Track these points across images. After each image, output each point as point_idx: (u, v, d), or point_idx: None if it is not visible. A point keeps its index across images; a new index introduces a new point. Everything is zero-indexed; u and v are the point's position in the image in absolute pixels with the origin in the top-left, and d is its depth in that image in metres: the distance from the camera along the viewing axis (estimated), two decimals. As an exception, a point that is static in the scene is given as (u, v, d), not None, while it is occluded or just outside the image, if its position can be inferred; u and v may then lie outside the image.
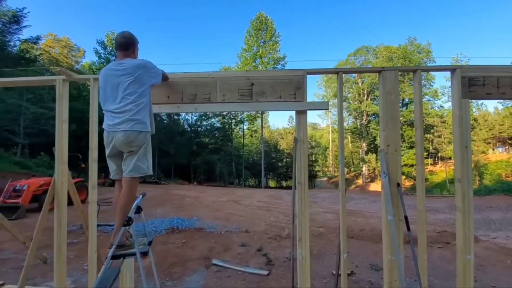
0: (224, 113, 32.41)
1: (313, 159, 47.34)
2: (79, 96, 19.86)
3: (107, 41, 25.14)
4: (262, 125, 33.76)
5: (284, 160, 45.53)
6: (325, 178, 50.92)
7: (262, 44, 32.91)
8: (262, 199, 12.11)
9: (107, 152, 2.12)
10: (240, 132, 36.65)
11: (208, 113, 32.70)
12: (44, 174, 13.49)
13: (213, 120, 32.30)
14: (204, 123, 32.76)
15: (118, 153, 2.11)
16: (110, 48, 24.30)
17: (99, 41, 24.60)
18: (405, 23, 63.96)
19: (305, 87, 2.65)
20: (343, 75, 2.66)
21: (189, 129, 32.66)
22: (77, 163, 12.35)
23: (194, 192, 14.59)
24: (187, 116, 31.72)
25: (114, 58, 23.07)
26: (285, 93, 2.64)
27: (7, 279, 3.21)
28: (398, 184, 2.48)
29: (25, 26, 12.87)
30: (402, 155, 25.16)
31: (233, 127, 34.59)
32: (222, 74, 2.72)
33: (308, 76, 2.64)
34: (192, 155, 28.80)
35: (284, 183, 48.39)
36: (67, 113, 2.80)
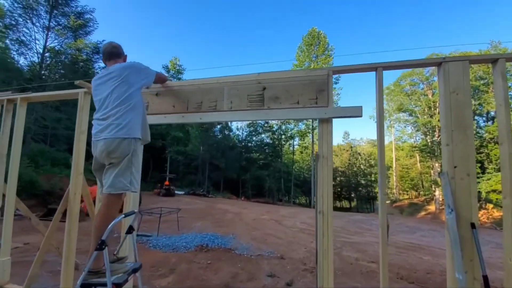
0: (274, 129, 32.41)
1: (372, 179, 42.86)
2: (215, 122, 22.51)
3: (171, 65, 28.30)
4: (312, 140, 32.36)
5: (338, 179, 42.48)
6: (388, 201, 45.31)
7: (314, 59, 32.30)
8: (307, 221, 11.10)
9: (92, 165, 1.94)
10: (290, 148, 35.90)
11: (257, 128, 33.26)
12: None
13: (263, 135, 32.53)
14: (254, 138, 33.23)
15: (102, 166, 1.89)
16: (173, 72, 27.22)
17: (164, 66, 27.93)
18: (483, 23, 54.58)
19: (330, 89, 2.09)
20: (383, 71, 2.02)
21: (240, 144, 33.57)
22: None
23: (237, 207, 14.43)
24: (237, 132, 32.74)
25: (175, 80, 25.74)
26: (304, 98, 2.13)
27: (40, 282, 3.35)
28: (473, 226, 1.65)
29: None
30: (488, 179, 20.45)
31: (283, 142, 34.12)
32: (231, 79, 2.36)
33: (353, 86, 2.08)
34: (241, 170, 29.23)
35: (338, 204, 44.88)
36: (86, 124, 2.82)
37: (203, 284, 3.83)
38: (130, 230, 2.09)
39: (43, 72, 13.19)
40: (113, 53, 2.02)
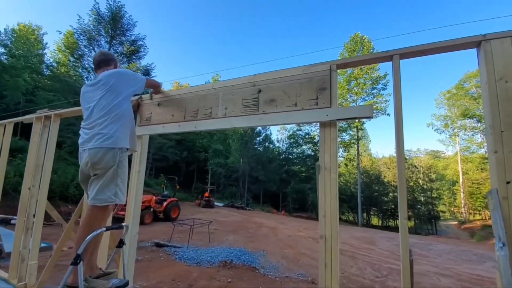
0: (315, 140, 31.22)
1: (433, 195, 37.53)
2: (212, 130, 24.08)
3: (213, 82, 29.91)
4: (358, 152, 30.17)
5: (391, 195, 38.29)
6: (455, 222, 38.82)
7: (357, 65, 30.65)
8: (349, 241, 10.04)
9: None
10: (334, 160, 33.95)
11: (298, 140, 32.47)
12: (159, 192, 16.35)
13: (304, 147, 31.60)
14: (295, 150, 32.48)
15: (87, 177, 1.85)
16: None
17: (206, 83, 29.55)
18: None
19: (333, 86, 1.75)
20: (399, 60, 1.62)
21: (280, 156, 33.13)
22: (174, 185, 14.42)
23: (273, 222, 13.95)
24: (278, 144, 32.46)
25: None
26: (302, 99, 1.82)
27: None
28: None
29: (153, 77, 17.54)
30: None
31: (326, 154, 32.53)
32: (226, 83, 2.19)
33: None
34: (282, 182, 28.63)
35: (391, 222, 40.24)
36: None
37: (217, 305, 3.59)
38: (120, 244, 2.02)
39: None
40: (102, 61, 2.03)
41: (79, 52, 14.90)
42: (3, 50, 18.71)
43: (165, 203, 10.86)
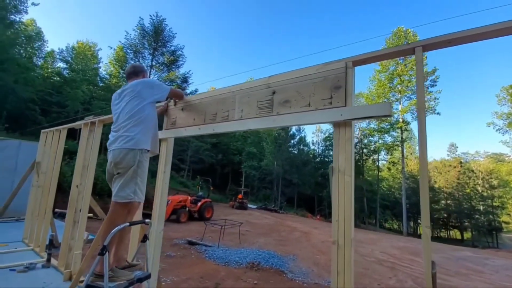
0: (354, 142, 29.63)
1: (494, 204, 32.80)
2: (229, 133, 24.86)
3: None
4: (402, 154, 27.78)
5: (443, 202, 34.49)
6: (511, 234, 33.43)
7: (401, 61, 28.40)
8: (389, 251, 9.29)
9: None
10: (376, 163, 31.86)
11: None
12: (195, 193, 17.18)
13: (340, 149, 30.22)
14: (331, 152, 31.24)
15: (112, 176, 2.01)
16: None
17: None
18: None
19: (349, 85, 1.66)
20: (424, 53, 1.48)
21: (317, 159, 32.21)
22: (208, 186, 14.94)
23: (307, 226, 13.57)
24: (313, 146, 31.61)
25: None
26: (316, 98, 1.76)
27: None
28: None
29: (190, 83, 18.71)
30: None
31: (365, 157, 30.68)
32: (243, 86, 2.22)
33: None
34: (317, 186, 27.79)
35: (443, 233, 36.15)
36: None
37: (242, 306, 3.61)
38: (144, 239, 2.16)
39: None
40: (131, 73, 2.23)
41: (127, 64, 16.59)
42: (65, 66, 21.70)
43: (199, 203, 11.34)
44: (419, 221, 36.13)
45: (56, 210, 7.87)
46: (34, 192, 4.82)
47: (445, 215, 33.62)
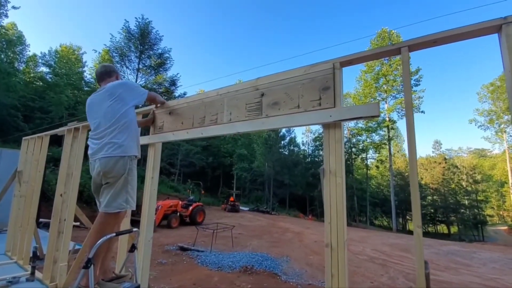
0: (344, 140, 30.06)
1: (478, 198, 34.03)
2: (218, 136, 24.71)
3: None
4: (390, 152, 28.45)
5: (429, 198, 35.44)
6: (505, 227, 34.71)
7: (386, 61, 29.13)
8: (380, 248, 9.43)
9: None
10: (364, 162, 32.46)
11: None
12: (186, 197, 16.93)
13: (330, 149, 30.63)
14: (321, 152, 31.60)
15: (100, 186, 1.91)
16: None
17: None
18: None
19: (337, 85, 1.66)
20: (409, 53, 1.51)
21: (307, 159, 32.46)
22: (199, 190, 14.75)
23: (299, 226, 13.62)
24: (303, 147, 31.85)
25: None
26: (305, 100, 1.76)
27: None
28: None
29: (178, 86, 18.51)
30: None
31: (354, 156, 31.20)
32: (231, 88, 2.20)
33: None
34: (308, 186, 27.98)
35: (430, 228, 37.12)
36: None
37: (236, 311, 3.56)
38: (132, 248, 2.09)
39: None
40: (103, 73, 2.11)
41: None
42: (48, 70, 21.01)
43: (191, 208, 11.18)
44: (407, 217, 37.00)
45: (41, 220, 7.56)
46: (16, 202, 4.59)
47: (432, 210, 34.52)
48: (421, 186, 35.60)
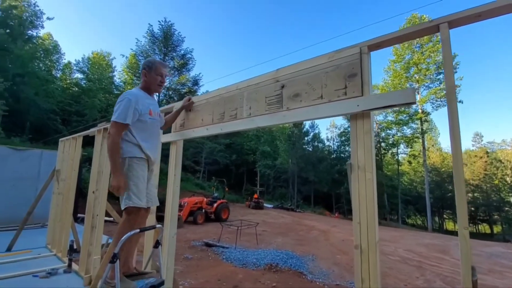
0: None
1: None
2: (238, 132, 24.93)
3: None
4: (424, 147, 26.58)
5: (470, 195, 32.69)
6: None
7: (417, 49, 27.17)
8: (415, 248, 8.85)
9: None
10: (395, 157, 30.73)
11: (350, 137, 30.40)
12: (211, 194, 17.28)
13: (357, 144, 29.46)
14: (347, 148, 30.49)
15: None
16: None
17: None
18: None
19: (365, 72, 1.50)
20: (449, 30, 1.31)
21: (331, 156, 31.55)
22: (223, 187, 14.96)
23: (325, 224, 13.26)
24: (328, 143, 30.96)
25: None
26: (328, 90, 1.62)
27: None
28: None
29: (201, 86, 18.91)
30: None
31: (383, 151, 29.66)
32: (250, 82, 2.11)
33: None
34: (334, 183, 27.18)
35: (470, 228, 34.19)
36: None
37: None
38: (156, 244, 2.11)
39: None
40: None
41: (139, 72, 17.01)
42: (82, 76, 22.61)
43: (215, 205, 11.38)
44: (444, 216, 34.49)
45: (79, 215, 8.15)
46: (55, 199, 4.97)
47: (473, 208, 31.82)
48: (458, 183, 32.88)
